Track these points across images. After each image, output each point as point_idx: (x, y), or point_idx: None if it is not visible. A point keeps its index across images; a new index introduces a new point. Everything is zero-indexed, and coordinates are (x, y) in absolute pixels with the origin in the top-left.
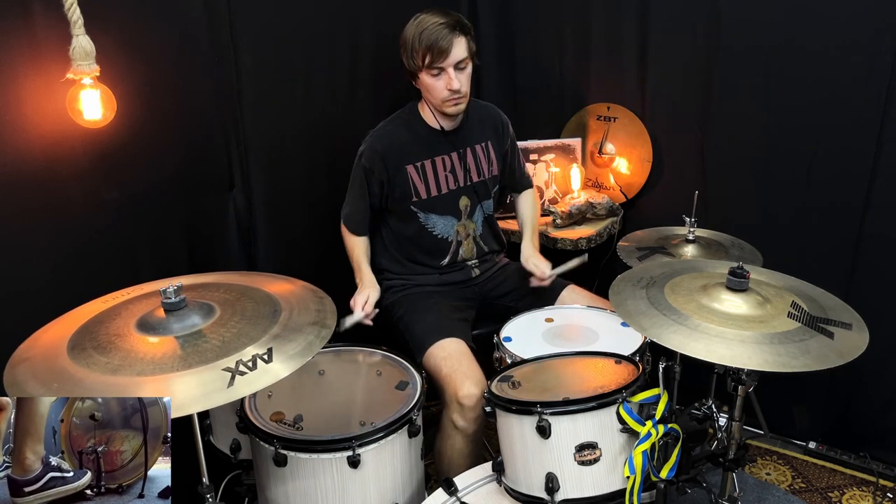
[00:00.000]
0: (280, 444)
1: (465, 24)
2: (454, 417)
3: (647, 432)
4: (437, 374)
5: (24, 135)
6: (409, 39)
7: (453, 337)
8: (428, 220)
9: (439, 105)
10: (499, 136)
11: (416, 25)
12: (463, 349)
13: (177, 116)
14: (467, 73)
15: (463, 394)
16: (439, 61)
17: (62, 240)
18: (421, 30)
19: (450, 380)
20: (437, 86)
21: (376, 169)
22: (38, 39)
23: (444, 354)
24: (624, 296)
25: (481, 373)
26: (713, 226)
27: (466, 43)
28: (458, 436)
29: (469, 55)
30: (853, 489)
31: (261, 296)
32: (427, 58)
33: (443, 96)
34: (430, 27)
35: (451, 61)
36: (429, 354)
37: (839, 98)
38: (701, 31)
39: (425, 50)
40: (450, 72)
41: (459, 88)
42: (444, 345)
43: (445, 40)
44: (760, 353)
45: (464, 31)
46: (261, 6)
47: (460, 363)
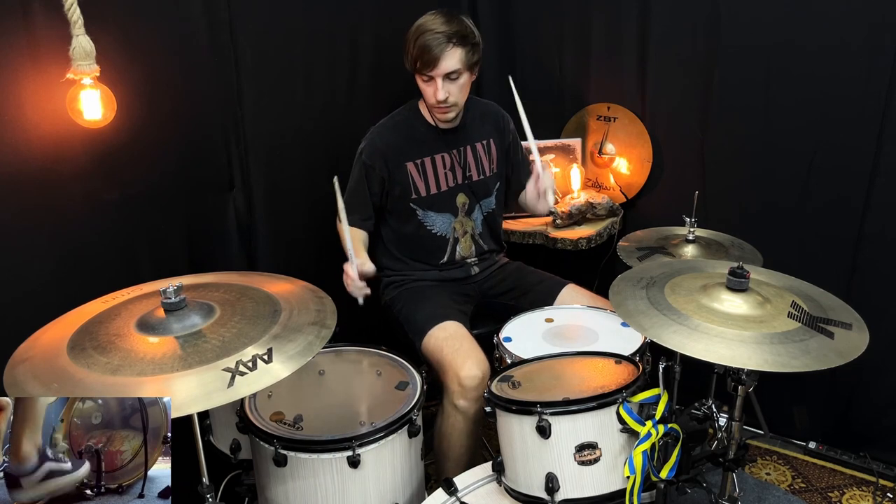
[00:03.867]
0: (280, 444)
1: (465, 35)
2: (455, 399)
3: (647, 432)
4: (439, 355)
5: (24, 135)
6: (408, 40)
7: (453, 320)
8: (426, 218)
9: (429, 109)
10: (500, 132)
11: (416, 27)
12: (463, 331)
13: (177, 116)
14: (459, 84)
15: (465, 374)
16: (428, 69)
17: (62, 240)
18: (418, 34)
19: (451, 360)
20: (426, 91)
21: (377, 165)
22: (38, 39)
23: (445, 335)
24: (624, 296)
25: (482, 354)
26: (713, 226)
27: (462, 54)
28: (458, 416)
29: (464, 66)
30: (853, 489)
31: (261, 296)
32: (417, 63)
33: (430, 102)
34: (427, 34)
35: (441, 71)
36: (429, 336)
37: (839, 97)
38: (701, 31)
39: (416, 55)
40: (437, 81)
41: (445, 99)
42: (446, 326)
43: (437, 50)
44: (760, 353)
45: (461, 43)
46: (261, 6)
47: (461, 344)
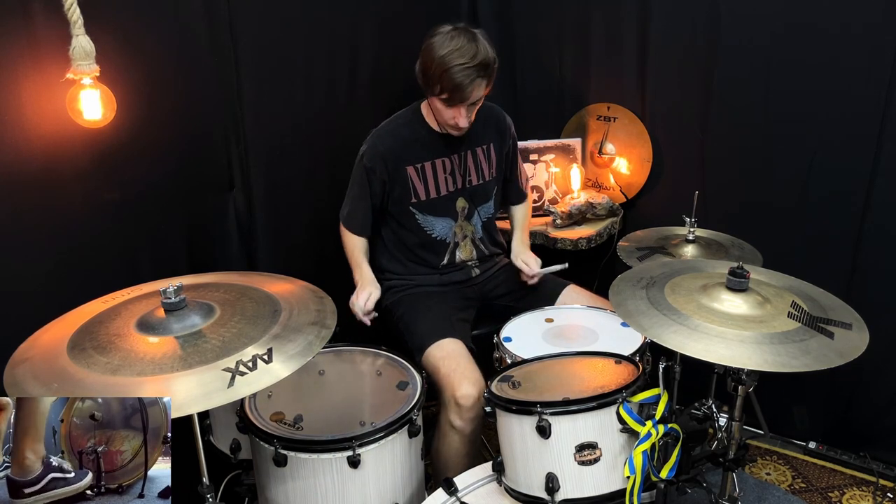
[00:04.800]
0: (280, 444)
1: (489, 65)
2: (451, 418)
3: (647, 432)
4: (436, 373)
5: (24, 135)
6: (433, 66)
7: (452, 337)
8: (426, 222)
9: (442, 123)
10: (502, 136)
11: (442, 56)
12: (461, 350)
13: (177, 116)
14: (478, 106)
15: (460, 394)
16: (456, 102)
17: (62, 240)
18: (446, 66)
19: (448, 380)
20: (445, 113)
21: (378, 169)
22: (38, 39)
23: (443, 354)
24: (624, 296)
25: (479, 373)
26: (713, 226)
27: (486, 83)
28: (455, 436)
29: (486, 93)
30: (853, 489)
31: (261, 296)
32: (445, 94)
33: (448, 123)
34: (457, 68)
35: (468, 102)
36: (427, 354)
37: (839, 97)
38: (701, 31)
39: (445, 88)
40: (462, 110)
41: (465, 126)
42: (443, 345)
43: (469, 87)
44: (760, 353)
45: (487, 74)
46: (261, 6)
47: (458, 363)
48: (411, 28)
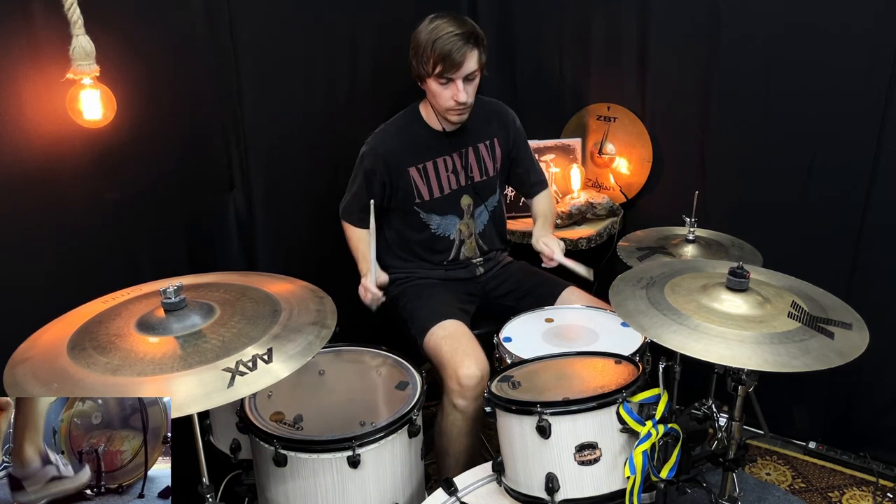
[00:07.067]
0: (280, 444)
1: (479, 36)
2: (454, 398)
3: (647, 432)
4: (438, 353)
5: (24, 135)
6: (422, 44)
7: (454, 319)
8: (430, 220)
9: (443, 112)
10: (505, 130)
11: (430, 31)
12: (464, 330)
13: (177, 116)
14: (475, 84)
15: (463, 373)
16: (450, 72)
17: (62, 240)
18: (435, 37)
19: (450, 359)
20: (443, 94)
21: (378, 171)
22: (38, 39)
23: (445, 334)
24: (624, 296)
25: (482, 353)
26: (713, 226)
27: (478, 55)
28: (457, 414)
29: (479, 67)
30: (853, 489)
31: (261, 296)
32: (438, 67)
33: (448, 105)
34: (445, 36)
35: (462, 73)
36: (430, 335)
37: (839, 97)
38: (701, 31)
39: (437, 59)
40: (458, 84)
41: (466, 101)
42: (446, 325)
43: (459, 53)
44: (760, 353)
45: (477, 43)
46: (261, 6)
47: (461, 343)
48: (411, 28)
